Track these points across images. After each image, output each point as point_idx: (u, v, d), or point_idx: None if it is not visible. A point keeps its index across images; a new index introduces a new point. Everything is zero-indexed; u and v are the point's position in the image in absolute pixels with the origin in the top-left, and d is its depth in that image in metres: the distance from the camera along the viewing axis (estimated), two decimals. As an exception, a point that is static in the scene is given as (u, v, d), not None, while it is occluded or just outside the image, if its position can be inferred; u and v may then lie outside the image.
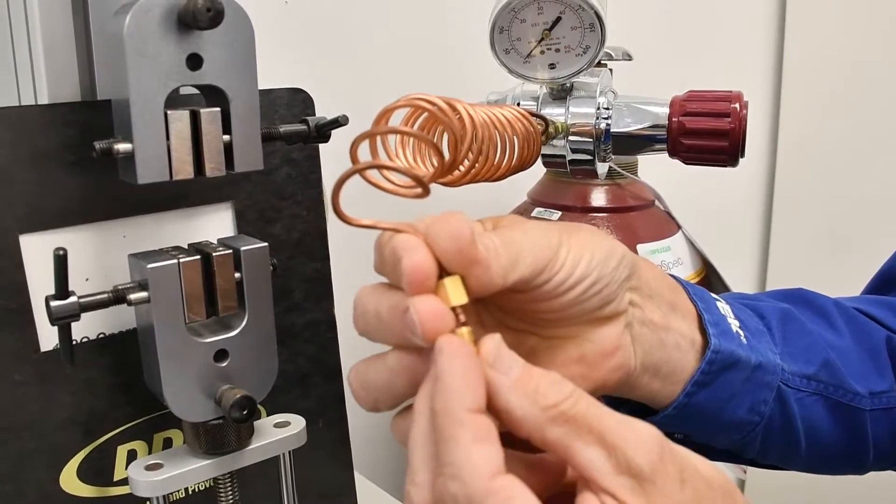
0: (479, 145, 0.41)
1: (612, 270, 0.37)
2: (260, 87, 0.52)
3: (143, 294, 0.43)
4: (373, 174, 0.31)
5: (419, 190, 0.32)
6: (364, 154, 0.31)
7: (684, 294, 0.44)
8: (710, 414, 0.43)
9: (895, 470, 0.55)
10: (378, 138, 0.33)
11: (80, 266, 0.49)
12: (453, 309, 0.30)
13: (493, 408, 0.30)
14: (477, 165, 0.43)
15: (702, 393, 0.42)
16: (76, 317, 0.42)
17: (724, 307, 0.46)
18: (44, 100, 0.48)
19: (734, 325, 0.44)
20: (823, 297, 0.55)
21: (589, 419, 0.29)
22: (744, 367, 0.43)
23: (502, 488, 0.28)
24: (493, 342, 0.31)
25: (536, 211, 0.84)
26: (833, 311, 0.53)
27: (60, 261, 0.40)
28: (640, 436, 0.29)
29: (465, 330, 0.30)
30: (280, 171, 0.56)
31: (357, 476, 0.66)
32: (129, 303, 0.43)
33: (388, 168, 0.30)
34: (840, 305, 0.54)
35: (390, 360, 0.33)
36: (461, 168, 0.42)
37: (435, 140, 0.38)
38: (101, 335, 0.50)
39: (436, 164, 0.34)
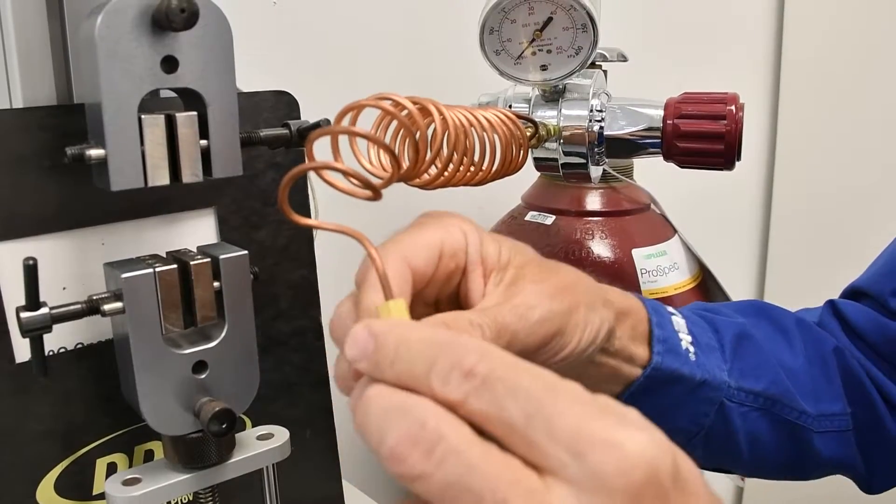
0: (452, 149, 0.39)
1: (602, 340, 0.40)
2: (245, 90, 0.51)
3: (118, 304, 0.42)
4: (331, 172, 0.31)
5: (370, 192, 0.31)
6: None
7: (642, 314, 0.46)
8: (651, 417, 0.46)
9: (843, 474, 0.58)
10: (348, 136, 0.31)
11: (57, 275, 0.47)
12: None
13: None
14: (451, 169, 0.41)
15: (642, 397, 0.45)
16: (48, 329, 0.40)
17: (678, 322, 0.48)
18: (18, 103, 0.46)
19: (685, 340, 0.47)
20: (784, 314, 0.57)
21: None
22: (687, 382, 0.46)
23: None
24: None
25: (530, 215, 0.82)
26: (792, 329, 0.56)
27: (30, 271, 0.38)
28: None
29: None
30: (265, 175, 0.55)
31: (347, 486, 0.65)
32: (104, 313, 0.42)
33: (333, 169, 0.30)
34: (801, 323, 0.57)
35: None
36: (436, 167, 0.40)
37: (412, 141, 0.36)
38: (80, 345, 0.48)
39: (406, 164, 0.33)
